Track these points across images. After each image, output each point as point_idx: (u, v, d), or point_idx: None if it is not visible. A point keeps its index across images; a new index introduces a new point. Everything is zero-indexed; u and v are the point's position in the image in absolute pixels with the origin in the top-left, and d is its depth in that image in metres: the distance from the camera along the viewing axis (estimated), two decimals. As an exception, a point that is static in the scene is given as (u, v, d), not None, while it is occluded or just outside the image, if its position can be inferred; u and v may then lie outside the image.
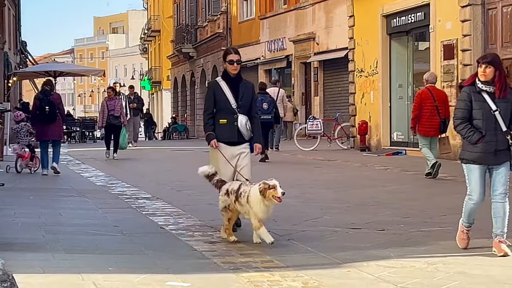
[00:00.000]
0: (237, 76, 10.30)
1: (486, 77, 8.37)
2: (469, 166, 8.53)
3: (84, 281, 7.53)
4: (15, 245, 9.39)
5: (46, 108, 18.92)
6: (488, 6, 22.35)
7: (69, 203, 14.38)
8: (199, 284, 7.53)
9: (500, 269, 8.11)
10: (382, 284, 7.55)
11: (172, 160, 26.94)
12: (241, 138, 10.15)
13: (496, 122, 8.36)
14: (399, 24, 27.00)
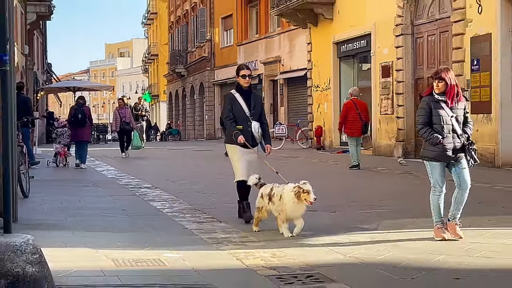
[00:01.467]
0: (248, 88, 10.06)
1: (439, 90, 8.19)
2: (431, 163, 8.32)
3: (98, 254, 7.54)
4: (43, 225, 9.36)
5: (79, 116, 20.07)
6: (417, 35, 22.48)
7: (86, 191, 14.37)
8: (189, 255, 7.52)
9: (430, 243, 8.16)
10: (334, 254, 7.59)
11: (168, 157, 26.89)
12: (254, 141, 9.89)
13: (452, 126, 8.19)
14: (347, 49, 27.10)
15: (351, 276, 6.58)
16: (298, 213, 8.46)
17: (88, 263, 7.08)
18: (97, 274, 6.63)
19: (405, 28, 22.60)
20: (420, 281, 6.40)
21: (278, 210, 8.54)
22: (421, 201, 12.14)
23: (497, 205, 11.22)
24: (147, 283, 6.26)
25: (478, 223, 9.39)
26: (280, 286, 6.21)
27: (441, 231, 8.25)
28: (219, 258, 7.46)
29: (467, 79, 19.44)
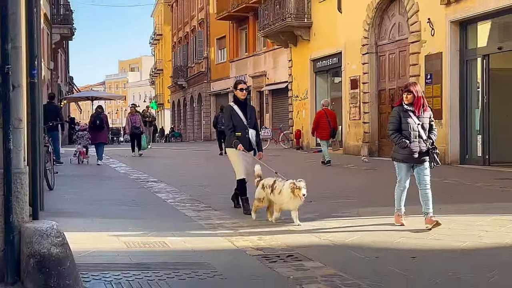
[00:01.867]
0: (244, 100, 9.88)
1: (408, 101, 8.09)
2: (399, 164, 8.22)
3: (112, 237, 7.52)
4: (65, 213, 9.33)
5: (97, 122, 20.45)
6: (380, 54, 22.54)
7: (102, 184, 14.33)
8: (189, 238, 7.52)
9: (391, 228, 8.17)
10: (311, 237, 7.61)
11: (172, 156, 26.85)
12: (251, 146, 9.64)
13: (419, 133, 8.05)
14: (321, 65, 27.12)
15: (325, 256, 6.58)
16: (294, 205, 8.30)
17: (103, 245, 7.06)
18: (111, 254, 6.62)
19: (370, 48, 22.67)
20: (383, 259, 6.42)
21: (277, 201, 8.42)
22: (384, 193, 12.18)
23: (447, 196, 11.26)
24: (153, 261, 6.25)
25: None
26: (265, 264, 6.22)
27: (400, 217, 8.22)
28: (215, 240, 7.46)
29: (422, 90, 19.49)
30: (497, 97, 17.36)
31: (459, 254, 6.66)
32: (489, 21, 17.58)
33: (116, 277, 5.57)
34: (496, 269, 5.87)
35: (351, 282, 5.46)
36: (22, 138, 5.37)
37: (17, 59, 5.27)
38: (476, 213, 9.24)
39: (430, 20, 18.88)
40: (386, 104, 22.27)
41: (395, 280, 5.51)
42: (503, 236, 7.52)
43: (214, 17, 45.23)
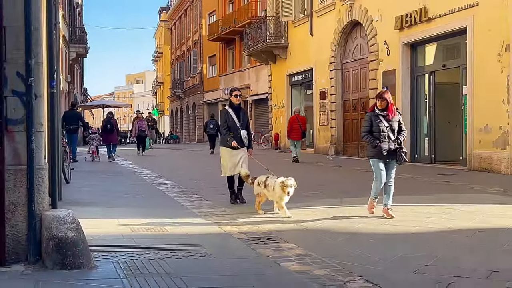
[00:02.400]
0: (238, 105, 9.57)
1: (382, 106, 7.89)
2: (373, 160, 7.94)
3: (119, 222, 7.51)
4: (79, 203, 9.26)
5: (108, 126, 20.79)
6: (344, 70, 22.62)
7: (111, 179, 14.24)
8: (184, 224, 7.50)
9: (354, 215, 8.19)
10: (287, 224, 7.60)
11: (171, 155, 26.76)
12: (242, 144, 9.34)
13: (387, 134, 7.85)
14: (296, 79, 27.16)
15: (298, 239, 6.59)
16: (284, 200, 8.01)
17: (112, 230, 7.03)
18: (118, 237, 6.58)
19: (336, 65, 22.74)
20: (346, 241, 6.44)
21: (270, 196, 8.18)
22: (349, 186, 12.26)
23: (400, 189, 11.28)
24: (154, 243, 6.22)
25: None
26: (248, 246, 6.21)
27: (373, 206, 8.04)
28: (206, 226, 7.43)
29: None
30: (441, 106, 17.48)
31: (409, 237, 6.69)
32: (434, 43, 17.68)
33: (122, 257, 5.54)
34: (440, 249, 5.90)
35: (319, 261, 5.47)
36: (43, 139, 5.35)
37: (39, 72, 5.27)
38: (425, 203, 9.29)
39: (386, 42, 18.97)
40: (350, 112, 22.35)
41: (355, 258, 5.52)
42: (446, 222, 7.57)
43: (206, 38, 45.22)
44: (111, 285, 4.65)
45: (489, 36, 14.45)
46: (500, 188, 11.05)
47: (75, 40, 37.89)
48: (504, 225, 7.28)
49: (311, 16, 24.65)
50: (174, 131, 60.42)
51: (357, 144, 21.71)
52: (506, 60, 13.86)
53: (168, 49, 66.88)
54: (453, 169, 15.40)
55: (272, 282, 4.82)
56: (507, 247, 6.00)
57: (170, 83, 63.48)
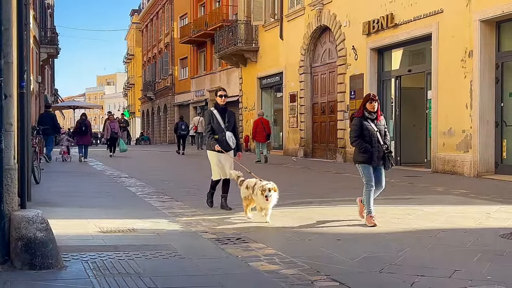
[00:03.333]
0: (224, 106, 8.90)
1: (373, 109, 7.43)
2: (363, 165, 7.45)
3: (89, 223, 7.39)
4: (49, 203, 9.12)
5: (83, 128, 20.78)
6: (313, 74, 22.76)
7: (81, 180, 14.07)
8: (154, 224, 7.44)
9: (323, 215, 8.22)
10: (256, 224, 7.58)
11: (141, 156, 26.53)
12: (228, 147, 8.73)
13: (377, 138, 7.44)
14: (266, 83, 27.22)
15: (267, 239, 6.60)
16: (266, 205, 7.54)
17: (81, 230, 6.93)
18: (88, 237, 6.50)
19: (306, 69, 22.87)
20: (314, 241, 6.46)
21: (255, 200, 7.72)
22: (318, 187, 12.32)
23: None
24: (124, 244, 6.16)
25: (352, 202, 9.52)
26: (218, 246, 6.19)
27: (372, 218, 7.41)
28: (176, 226, 7.39)
29: (347, 104, 19.75)
30: (406, 110, 17.71)
31: (375, 237, 6.75)
32: (400, 49, 17.92)
33: (92, 257, 5.47)
34: (404, 249, 5.97)
35: (288, 260, 5.48)
36: (12, 139, 5.27)
37: (8, 72, 5.20)
38: (390, 204, 9.38)
39: (354, 47, 19.15)
40: (319, 115, 22.49)
41: (323, 258, 5.55)
42: (411, 222, 7.66)
43: (178, 41, 45.05)
44: (80, 285, 4.59)
45: (453, 42, 14.70)
46: (463, 190, 11.24)
47: (46, 41, 37.34)
48: (466, 225, 7.40)
49: (281, 21, 24.75)
50: (145, 132, 60.01)
51: (325, 146, 21.86)
52: (469, 65, 14.12)
53: (140, 51, 66.41)
54: (418, 171, 15.61)
55: (241, 282, 4.81)
56: (470, 247, 6.11)
57: (141, 85, 63.02)
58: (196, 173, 15.74)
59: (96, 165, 19.00)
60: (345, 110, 19.86)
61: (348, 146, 19.70)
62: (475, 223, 7.55)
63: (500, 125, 13.86)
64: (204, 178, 14.12)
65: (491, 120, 13.95)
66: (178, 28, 45.72)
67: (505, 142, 13.80)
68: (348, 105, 19.64)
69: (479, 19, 13.82)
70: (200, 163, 20.55)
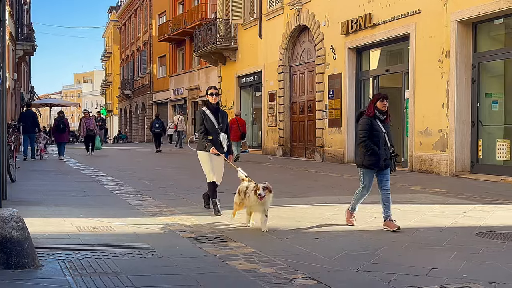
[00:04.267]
0: (216, 105, 8.35)
1: (385, 108, 7.01)
2: (367, 170, 7.07)
3: (66, 222, 7.32)
4: (25, 202, 9.01)
5: (61, 125, 20.79)
6: (292, 73, 22.81)
7: (57, 178, 13.90)
8: (132, 223, 7.39)
9: (300, 214, 8.23)
10: (236, 223, 7.57)
11: (118, 155, 26.33)
12: (222, 149, 8.24)
13: (385, 140, 7.04)
14: (246, 81, 27.22)
15: (246, 237, 6.59)
16: (259, 208, 7.03)
17: (58, 229, 6.86)
18: (64, 237, 6.44)
19: (285, 68, 22.92)
20: (292, 240, 6.47)
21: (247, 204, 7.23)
22: (295, 185, 12.34)
23: (344, 189, 11.47)
24: (101, 243, 6.11)
25: (330, 201, 9.58)
26: (196, 244, 6.17)
27: (351, 217, 7.33)
28: (154, 225, 7.35)
29: (325, 103, 19.84)
30: (384, 110, 17.82)
31: (353, 236, 6.79)
32: (379, 48, 18.04)
33: (68, 256, 5.42)
34: (382, 247, 6.01)
35: (266, 259, 5.49)
36: (-13, 137, 5.18)
37: (-17, 69, 5.10)
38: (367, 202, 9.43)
39: (333, 47, 19.24)
40: (297, 114, 22.55)
41: (301, 257, 5.57)
42: (388, 221, 7.71)
43: (156, 39, 44.80)
44: (57, 285, 4.54)
45: (431, 43, 14.85)
46: (439, 189, 11.36)
47: (23, 38, 36.91)
48: (443, 224, 7.48)
49: (260, 20, 24.76)
50: (123, 130, 59.59)
51: (304, 145, 21.93)
52: (446, 66, 14.28)
53: (118, 49, 65.92)
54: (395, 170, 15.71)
55: (219, 281, 4.81)
56: (446, 245, 6.18)
57: (119, 83, 62.56)
58: (174, 171, 15.68)
59: (73, 163, 18.82)
60: (324, 110, 19.96)
61: (326, 145, 19.80)
62: (451, 222, 7.64)
63: (476, 125, 14.05)
64: (182, 176, 14.10)
65: (467, 120, 14.12)
66: (157, 26, 45.48)
67: (481, 141, 13.98)
68: (327, 105, 19.74)
69: (456, 20, 13.98)
70: (179, 162, 20.54)
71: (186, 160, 21.30)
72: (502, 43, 14.09)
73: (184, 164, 19.13)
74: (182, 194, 10.46)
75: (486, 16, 13.46)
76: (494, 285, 4.59)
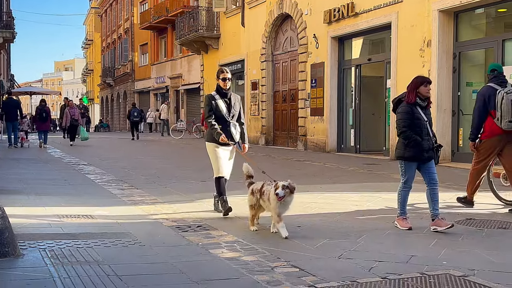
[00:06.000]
0: (227, 90, 7.50)
1: (428, 93, 6.39)
2: (408, 163, 6.40)
3: (47, 211, 7.27)
4: (5, 191, 8.93)
5: (43, 114, 20.94)
6: (275, 61, 22.77)
7: (38, 167, 13.77)
8: (114, 212, 7.36)
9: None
10: (218, 213, 7.58)
11: (100, 143, 26.13)
12: (232, 140, 7.31)
13: (427, 130, 6.38)
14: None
15: (228, 226, 6.60)
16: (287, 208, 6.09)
17: (39, 218, 6.80)
18: (45, 225, 6.39)
19: (267, 57, 22.87)
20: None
21: (267, 207, 6.25)
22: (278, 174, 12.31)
23: (327, 177, 11.52)
24: (82, 232, 6.08)
25: (312, 189, 9.62)
26: (178, 233, 6.17)
27: (406, 221, 6.49)
28: (136, 214, 7.33)
29: (308, 92, 19.87)
30: (366, 99, 17.93)
31: (335, 224, 6.83)
32: (361, 37, 18.08)
33: (50, 245, 5.38)
34: (363, 235, 6.06)
35: (248, 247, 5.50)
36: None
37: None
38: (350, 191, 9.52)
39: (315, 36, 19.23)
40: (280, 103, 22.56)
41: (283, 245, 5.59)
42: (369, 209, 7.77)
43: (138, 26, 44.45)
44: (38, 274, 4.51)
45: (412, 32, 14.91)
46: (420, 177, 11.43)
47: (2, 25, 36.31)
48: (423, 211, 7.55)
49: (243, 8, 24.65)
50: (104, 119, 59.18)
51: (286, 134, 21.97)
52: (428, 55, 14.36)
53: (99, 37, 65.29)
54: (377, 159, 15.85)
55: (202, 269, 4.81)
56: (426, 233, 6.24)
57: (100, 71, 62.02)
58: (157, 160, 15.62)
59: (54, 152, 18.65)
60: (306, 98, 19.98)
61: (309, 134, 19.85)
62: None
63: (457, 114, 14.17)
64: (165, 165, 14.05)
65: (448, 109, 14.24)
66: (138, 13, 45.10)
67: (462, 130, 14.11)
68: (309, 94, 19.76)
69: (437, 9, 14.05)
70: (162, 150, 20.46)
71: (169, 148, 21.24)
72: (483, 33, 14.20)
73: (167, 152, 19.09)
74: (165, 183, 10.43)
75: (467, 5, 13.54)
76: (474, 272, 4.65)
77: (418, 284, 4.32)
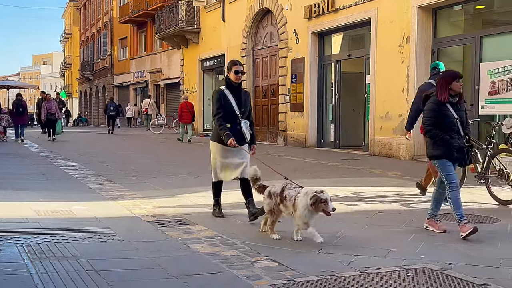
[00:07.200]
0: (239, 85, 6.79)
1: (460, 89, 5.87)
2: (442, 161, 5.85)
3: (24, 206, 7.20)
4: (-18, 186, 8.81)
5: (20, 108, 21.22)
6: (255, 57, 22.75)
7: (15, 161, 13.61)
8: (93, 207, 7.31)
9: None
10: (197, 206, 7.58)
11: (78, 137, 25.90)
12: (242, 140, 6.64)
13: (457, 128, 5.86)
14: (208, 65, 27.03)
15: (208, 221, 6.59)
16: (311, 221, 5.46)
17: (16, 213, 6.74)
18: (23, 221, 6.32)
19: (248, 52, 22.83)
20: (254, 224, 6.47)
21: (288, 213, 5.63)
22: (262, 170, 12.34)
23: (306, 172, 11.56)
24: (60, 227, 6.03)
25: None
26: (158, 228, 6.14)
27: (467, 225, 5.78)
28: (115, 209, 7.28)
29: (288, 87, 19.89)
30: (346, 94, 18.01)
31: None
32: (341, 33, 18.14)
33: (27, 240, 5.33)
34: (342, 229, 6.10)
35: (228, 242, 5.50)
36: None
37: None
38: (329, 185, 9.54)
39: (296, 31, 19.25)
40: (260, 98, 22.55)
41: (263, 240, 5.60)
42: (349, 204, 7.81)
43: (117, 20, 44.06)
44: (15, 269, 4.46)
45: (391, 28, 15.00)
46: (399, 172, 11.56)
47: (-22, 17, 35.80)
48: (400, 207, 7.62)
49: (223, 2, 24.57)
50: (83, 113, 58.65)
51: (266, 129, 21.98)
52: (407, 51, 14.47)
53: (77, 30, 64.61)
54: (356, 154, 15.95)
55: (181, 264, 4.80)
56: (404, 227, 6.30)
57: (79, 65, 61.40)
58: (136, 155, 15.52)
59: (32, 147, 18.45)
60: (287, 94, 20.00)
61: (289, 129, 19.89)
62: (409, 204, 7.79)
63: (435, 110, 14.28)
64: (145, 160, 13.97)
65: (426, 104, 14.34)
66: (118, 7, 44.68)
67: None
68: (289, 89, 19.79)
69: (416, 5, 14.15)
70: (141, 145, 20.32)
71: (148, 143, 21.14)
72: (461, 29, 14.34)
73: (147, 147, 18.99)
74: (144, 178, 10.38)
75: (446, 2, 13.66)
76: (451, 265, 4.71)
77: (397, 278, 4.36)
